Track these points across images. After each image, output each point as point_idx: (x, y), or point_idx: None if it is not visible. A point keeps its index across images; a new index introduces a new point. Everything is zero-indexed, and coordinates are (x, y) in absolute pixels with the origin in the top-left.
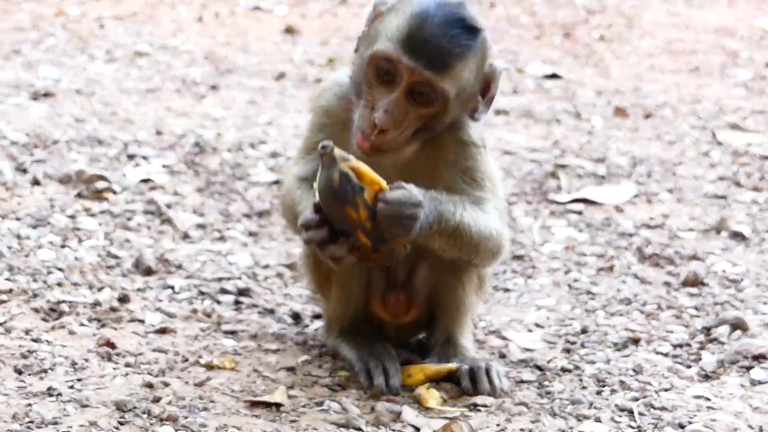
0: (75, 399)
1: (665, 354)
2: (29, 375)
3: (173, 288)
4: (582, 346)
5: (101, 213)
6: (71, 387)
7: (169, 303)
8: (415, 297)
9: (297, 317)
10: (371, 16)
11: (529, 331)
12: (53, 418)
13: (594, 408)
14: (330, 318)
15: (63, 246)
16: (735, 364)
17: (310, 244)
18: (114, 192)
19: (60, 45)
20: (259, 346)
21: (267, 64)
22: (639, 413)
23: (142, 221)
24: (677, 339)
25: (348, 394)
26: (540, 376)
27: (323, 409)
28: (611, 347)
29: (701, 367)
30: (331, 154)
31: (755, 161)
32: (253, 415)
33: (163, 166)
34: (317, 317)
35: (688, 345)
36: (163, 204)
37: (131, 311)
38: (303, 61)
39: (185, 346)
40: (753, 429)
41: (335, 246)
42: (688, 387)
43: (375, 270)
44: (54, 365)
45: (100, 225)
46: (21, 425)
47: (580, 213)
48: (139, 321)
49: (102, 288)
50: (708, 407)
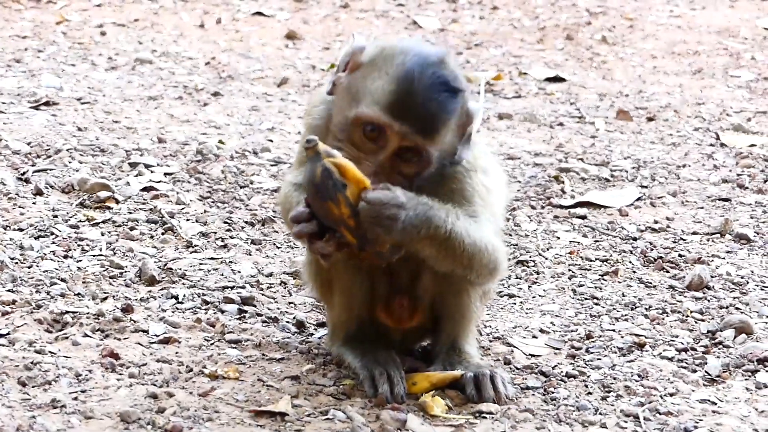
0: (79, 411)
1: (670, 358)
2: (33, 387)
3: (177, 298)
4: (587, 351)
5: (104, 222)
6: (75, 398)
7: (173, 313)
8: (419, 302)
9: (301, 326)
10: (348, 63)
11: (534, 337)
12: (57, 430)
13: (599, 414)
14: (334, 325)
15: (66, 256)
16: (740, 367)
17: (299, 237)
18: (117, 201)
19: (62, 53)
20: (263, 355)
21: (269, 70)
22: (644, 418)
23: (145, 230)
24: (682, 343)
25: (353, 402)
26: (545, 382)
27: (328, 418)
28: (616, 352)
29: (706, 372)
30: (316, 148)
31: (759, 163)
32: (258, 425)
33: (166, 174)
34: (321, 325)
35: (693, 349)
36: (166, 213)
37: (135, 321)
38: (305, 67)
39: (189, 356)
40: None
41: (322, 242)
42: (693, 391)
43: (378, 275)
44: (58, 377)
45: (102, 235)
46: None
47: (584, 217)
48: (143, 331)
49: (105, 298)
50: (713, 411)
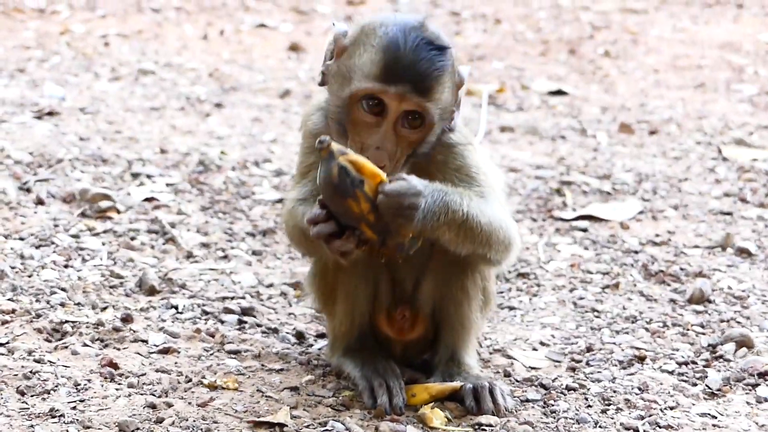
0: (77, 420)
1: (671, 372)
2: (32, 396)
3: (177, 308)
4: (587, 364)
5: (105, 232)
6: (74, 408)
7: (173, 323)
8: (420, 313)
9: (301, 337)
10: (334, 49)
11: (534, 350)
12: None
13: (599, 427)
14: (335, 336)
15: (66, 266)
16: (741, 381)
17: (318, 238)
18: (118, 211)
19: (65, 63)
20: (263, 366)
21: (272, 81)
22: None
23: (145, 240)
24: (683, 357)
25: (352, 414)
26: (545, 394)
27: (327, 430)
28: (616, 365)
29: (707, 385)
30: (329, 148)
31: (761, 177)
32: None
33: (168, 184)
34: (321, 336)
35: (693, 363)
36: (167, 223)
37: (134, 331)
38: (308, 79)
39: (188, 366)
40: None
41: (342, 240)
42: (693, 405)
43: (382, 283)
44: (57, 386)
45: (103, 244)
46: None
47: (585, 230)
48: (143, 341)
49: (105, 308)
50: (714, 425)
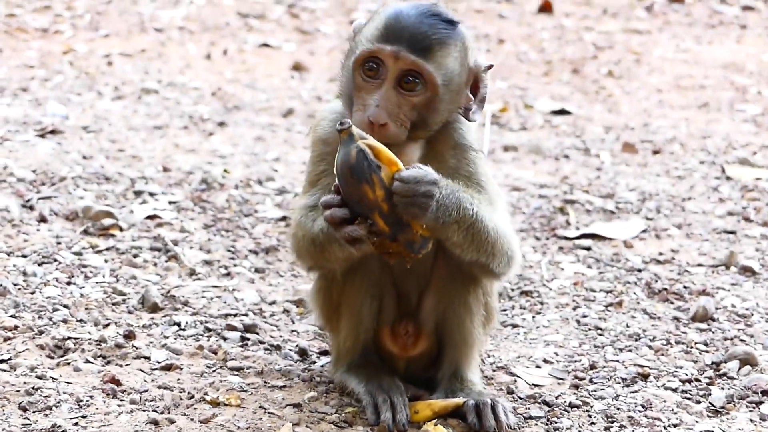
0: None
1: (674, 389)
2: (34, 412)
3: (179, 325)
4: (591, 381)
5: (107, 250)
6: (76, 424)
7: (175, 340)
8: (423, 328)
9: (303, 353)
10: (351, 36)
11: (538, 367)
12: None
13: None
14: (338, 352)
15: (69, 283)
16: (744, 399)
17: (330, 222)
18: (120, 228)
19: (68, 82)
20: (266, 382)
21: (275, 100)
22: None
23: (148, 258)
24: (686, 374)
25: (355, 430)
26: (548, 412)
27: None
28: (620, 383)
29: (711, 403)
30: (350, 130)
31: (764, 196)
32: None
33: (170, 202)
34: (324, 353)
35: (697, 380)
36: (170, 240)
37: (137, 348)
38: (311, 98)
39: (191, 382)
40: None
41: (353, 226)
42: (697, 422)
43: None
44: (59, 402)
45: (106, 262)
46: None
47: (588, 248)
48: (145, 358)
49: (108, 325)
50: None
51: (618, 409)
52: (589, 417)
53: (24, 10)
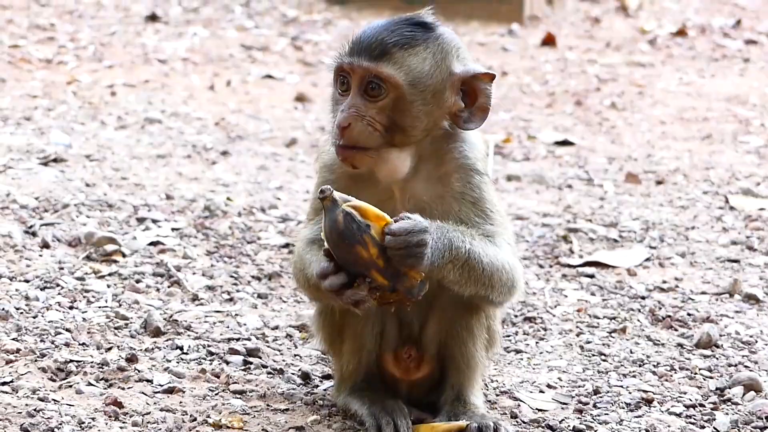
0: None
1: (678, 414)
2: None
3: (182, 348)
4: (594, 406)
5: (110, 275)
6: None
7: (178, 363)
8: (426, 352)
9: (306, 377)
10: None
11: (541, 392)
12: None
13: None
14: (341, 375)
15: (71, 307)
16: (749, 424)
17: (331, 291)
18: (123, 255)
19: (71, 112)
20: (268, 405)
21: (278, 130)
22: None
23: (151, 283)
24: (690, 399)
25: None
26: None
27: None
28: (624, 408)
29: (715, 428)
30: (331, 197)
31: None
32: None
33: (173, 229)
34: (327, 377)
35: (701, 405)
36: (173, 266)
37: (139, 371)
38: (314, 128)
39: (193, 405)
40: None
41: (353, 289)
42: None
43: (389, 323)
44: (61, 424)
45: (108, 287)
46: None
47: (592, 276)
48: (147, 381)
49: (110, 348)
50: None
51: None
52: None
53: (28, 41)
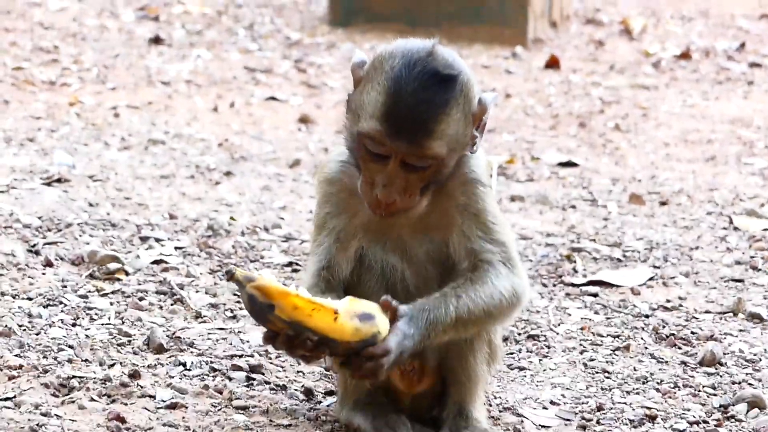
0: None
1: (682, 431)
2: None
3: (185, 365)
4: (598, 423)
5: (113, 293)
6: None
7: (181, 379)
8: (427, 364)
9: (309, 393)
10: (354, 79)
11: (545, 408)
12: None
13: None
14: (345, 390)
15: (74, 324)
16: None
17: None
18: (126, 273)
19: (75, 133)
20: (271, 421)
21: (282, 151)
22: None
23: (154, 301)
24: (694, 416)
25: None
26: None
27: None
28: (627, 424)
29: None
30: (235, 277)
31: None
32: None
33: (177, 248)
34: (330, 394)
35: (705, 422)
36: (176, 284)
37: (142, 387)
38: (318, 149)
39: (196, 421)
40: None
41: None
42: None
43: None
44: None
45: (111, 305)
46: None
47: (595, 295)
48: (150, 397)
49: (113, 364)
50: None
51: None
52: None
53: (31, 63)
